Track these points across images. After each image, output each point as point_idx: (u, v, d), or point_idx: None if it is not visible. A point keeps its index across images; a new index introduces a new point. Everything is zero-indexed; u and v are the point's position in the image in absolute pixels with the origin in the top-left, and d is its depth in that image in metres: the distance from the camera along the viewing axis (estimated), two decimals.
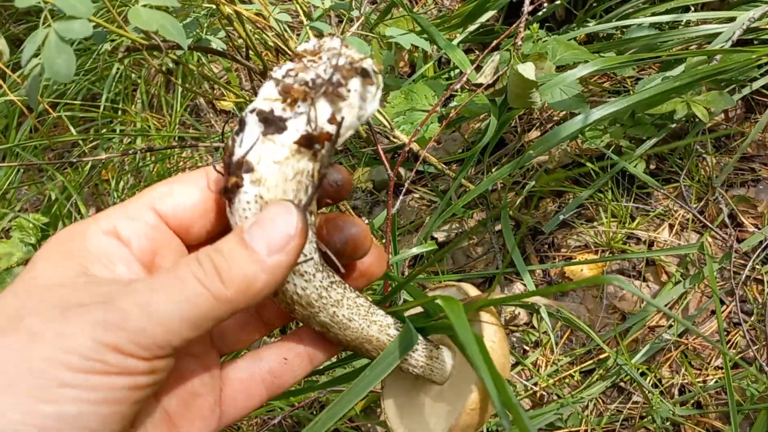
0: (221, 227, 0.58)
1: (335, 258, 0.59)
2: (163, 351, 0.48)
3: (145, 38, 0.86)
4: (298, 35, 1.73)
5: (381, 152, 1.27)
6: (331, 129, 0.52)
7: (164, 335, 0.47)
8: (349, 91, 0.53)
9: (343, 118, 0.53)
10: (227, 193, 0.53)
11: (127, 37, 0.86)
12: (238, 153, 0.52)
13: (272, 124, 0.52)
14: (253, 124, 0.52)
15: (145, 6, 0.78)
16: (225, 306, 0.48)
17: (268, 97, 0.52)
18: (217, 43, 1.22)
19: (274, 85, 0.53)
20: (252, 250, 0.49)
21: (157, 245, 0.55)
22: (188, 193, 0.57)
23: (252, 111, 0.52)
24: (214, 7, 1.04)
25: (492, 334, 0.66)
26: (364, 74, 0.54)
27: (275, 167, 0.52)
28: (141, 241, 0.55)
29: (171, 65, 2.26)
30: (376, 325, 0.63)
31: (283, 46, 1.26)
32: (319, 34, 0.57)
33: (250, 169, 0.52)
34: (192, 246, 0.59)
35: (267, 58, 1.41)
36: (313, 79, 0.52)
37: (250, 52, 1.15)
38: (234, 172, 0.52)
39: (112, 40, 2.21)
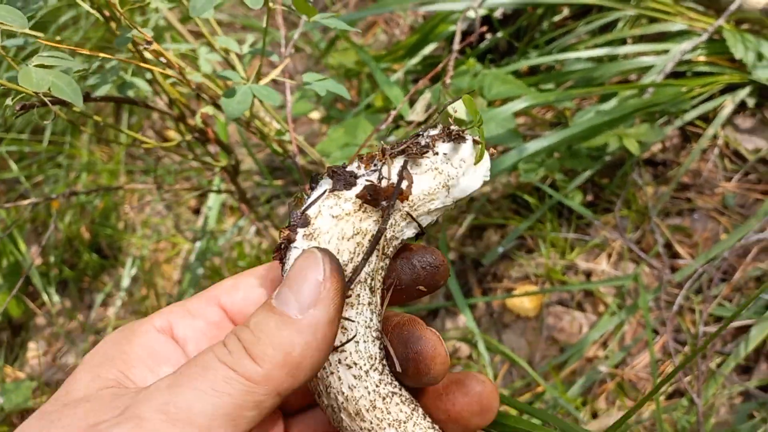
0: None
1: (397, 363, 0.48)
2: None
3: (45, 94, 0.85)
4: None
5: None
6: (403, 186, 0.47)
7: None
8: (436, 153, 0.47)
9: (411, 180, 0.47)
10: (279, 251, 0.48)
11: (26, 92, 0.86)
12: (300, 209, 0.48)
13: (341, 179, 0.47)
14: (324, 182, 0.48)
15: (38, 66, 0.78)
16: (262, 387, 0.41)
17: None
18: (142, 87, 1.22)
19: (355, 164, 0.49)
20: (281, 312, 0.43)
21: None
22: (254, 287, 0.52)
23: (330, 169, 0.48)
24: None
25: None
26: (458, 140, 0.48)
27: (332, 222, 0.46)
28: (199, 341, 0.49)
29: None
30: None
31: (209, 85, 1.26)
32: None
33: (306, 223, 0.47)
34: None
35: (188, 100, 1.41)
36: (398, 141, 0.48)
37: (170, 99, 1.15)
38: (290, 227, 0.48)
39: None
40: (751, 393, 1.39)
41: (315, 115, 2.28)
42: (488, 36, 2.00)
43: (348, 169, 0.48)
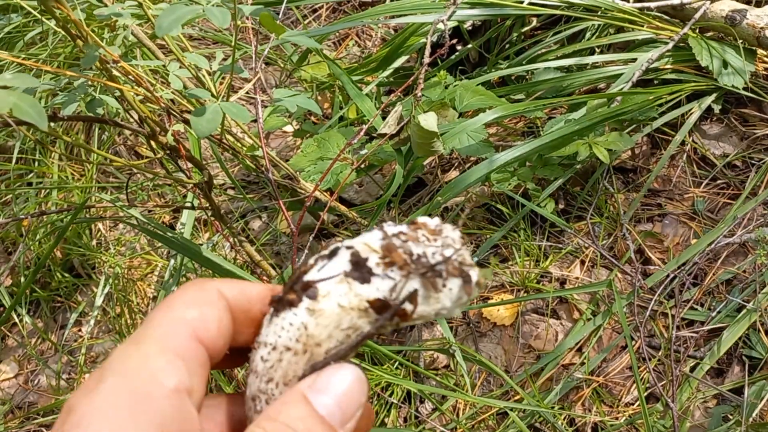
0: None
1: None
2: None
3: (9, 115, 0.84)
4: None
5: (282, 207, 1.27)
6: (408, 309, 0.50)
7: None
8: (444, 286, 0.50)
9: (417, 306, 0.51)
10: (277, 303, 0.51)
11: None
12: (312, 275, 0.51)
13: (359, 270, 0.49)
14: (342, 260, 0.50)
15: (1, 87, 0.77)
16: None
17: (368, 244, 0.51)
18: (112, 104, 1.21)
19: (380, 237, 0.51)
20: (329, 424, 0.47)
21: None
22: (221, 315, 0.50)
23: (349, 248, 0.51)
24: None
25: None
26: (466, 281, 0.51)
27: (337, 310, 0.49)
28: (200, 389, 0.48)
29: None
30: None
31: (181, 101, 1.26)
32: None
33: (313, 297, 0.49)
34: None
35: (158, 118, 1.41)
36: (419, 255, 0.50)
37: (141, 117, 1.14)
38: (297, 289, 0.50)
39: None
40: (725, 396, 1.42)
41: (290, 128, 2.28)
42: (459, 47, 2.02)
43: (368, 263, 0.49)
